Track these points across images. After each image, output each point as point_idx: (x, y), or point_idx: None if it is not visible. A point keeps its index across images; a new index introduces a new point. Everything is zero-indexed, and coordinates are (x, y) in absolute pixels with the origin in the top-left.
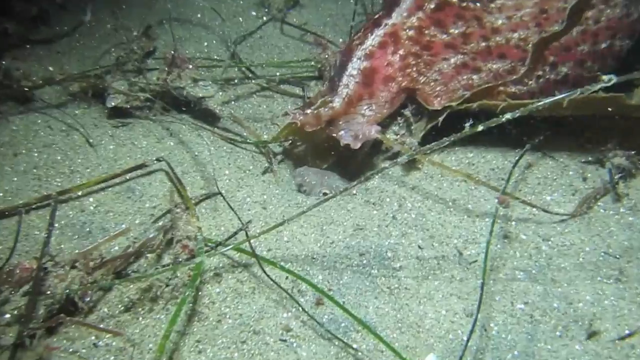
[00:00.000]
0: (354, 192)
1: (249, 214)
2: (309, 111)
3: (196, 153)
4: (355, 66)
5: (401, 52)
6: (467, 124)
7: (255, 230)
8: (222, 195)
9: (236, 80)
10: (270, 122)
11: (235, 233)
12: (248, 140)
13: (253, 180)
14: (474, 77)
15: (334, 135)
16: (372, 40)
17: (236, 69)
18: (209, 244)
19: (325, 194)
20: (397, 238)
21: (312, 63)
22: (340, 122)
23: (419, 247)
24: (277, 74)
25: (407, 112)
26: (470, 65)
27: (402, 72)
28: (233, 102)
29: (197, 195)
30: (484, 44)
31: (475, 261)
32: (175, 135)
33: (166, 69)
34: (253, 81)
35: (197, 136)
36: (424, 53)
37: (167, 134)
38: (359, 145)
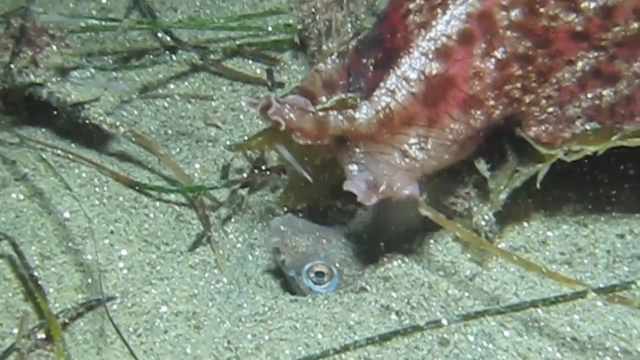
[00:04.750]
0: (364, 284)
1: (165, 343)
2: (305, 107)
3: (66, 214)
4: (416, 66)
5: (500, 53)
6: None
7: None
8: (106, 310)
9: (146, 58)
10: (207, 140)
11: None
12: (165, 186)
13: (174, 264)
14: (605, 92)
15: (340, 162)
16: (448, 25)
17: (144, 36)
18: None
19: (319, 273)
20: None
21: (287, 19)
22: (358, 150)
23: None
24: (221, 38)
25: (479, 162)
26: (604, 72)
27: (498, 90)
28: (135, 106)
29: (69, 307)
30: (637, 25)
31: None
32: (23, 176)
33: (9, 46)
34: (174, 56)
35: (66, 177)
36: (537, 53)
37: (10, 173)
38: (373, 201)
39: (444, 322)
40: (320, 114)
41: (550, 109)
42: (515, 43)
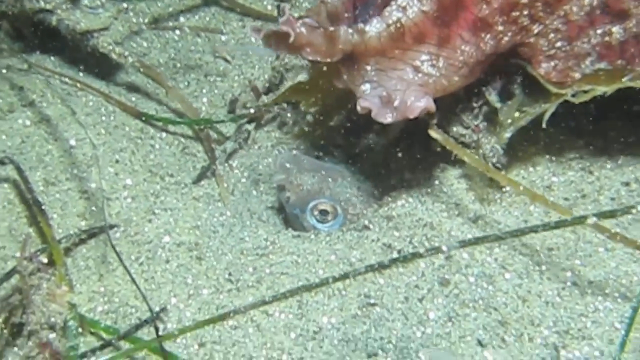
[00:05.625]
0: (367, 223)
1: (166, 272)
2: (314, 24)
3: (72, 141)
4: None
5: None
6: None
7: (178, 316)
8: (109, 239)
9: None
10: (216, 74)
11: (138, 328)
12: (172, 118)
13: (178, 195)
14: (615, 29)
15: (350, 86)
16: None
17: None
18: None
19: (323, 212)
20: (439, 325)
21: None
22: (369, 66)
23: (480, 342)
24: None
25: (490, 94)
26: (612, 8)
27: (506, 17)
28: (144, 37)
29: (72, 233)
30: None
31: None
32: (30, 102)
33: None
34: None
35: (73, 105)
36: None
37: (17, 98)
38: (388, 119)
39: (444, 248)
40: (331, 28)
41: (559, 44)
42: None
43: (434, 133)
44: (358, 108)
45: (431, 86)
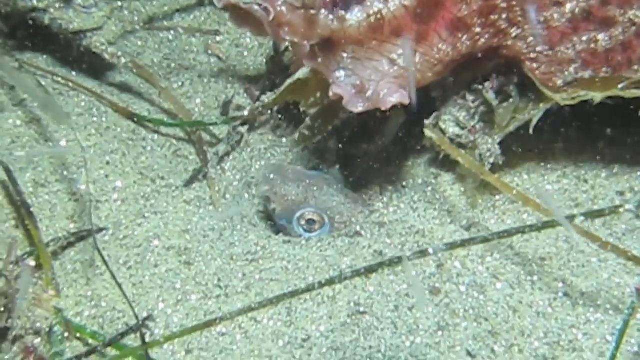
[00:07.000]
0: (359, 229)
1: (155, 277)
2: (295, 4)
3: (62, 142)
4: None
5: None
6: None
7: (166, 322)
8: (95, 243)
9: None
10: (210, 75)
11: (124, 335)
12: (164, 120)
13: (169, 199)
14: (600, 36)
15: (323, 70)
16: None
17: None
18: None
19: (310, 221)
20: (428, 334)
21: None
22: (345, 54)
23: (469, 353)
24: None
25: (487, 92)
26: (596, 15)
27: (484, 19)
28: (138, 37)
29: (60, 236)
30: None
31: None
32: (21, 101)
33: None
34: None
35: (64, 105)
36: None
37: (8, 98)
38: (360, 108)
39: (430, 251)
40: (312, 11)
41: (540, 47)
42: None
43: (429, 132)
44: (330, 94)
45: (405, 79)
